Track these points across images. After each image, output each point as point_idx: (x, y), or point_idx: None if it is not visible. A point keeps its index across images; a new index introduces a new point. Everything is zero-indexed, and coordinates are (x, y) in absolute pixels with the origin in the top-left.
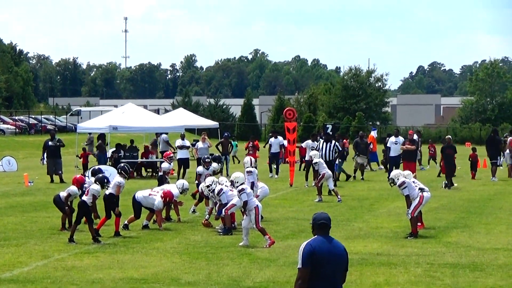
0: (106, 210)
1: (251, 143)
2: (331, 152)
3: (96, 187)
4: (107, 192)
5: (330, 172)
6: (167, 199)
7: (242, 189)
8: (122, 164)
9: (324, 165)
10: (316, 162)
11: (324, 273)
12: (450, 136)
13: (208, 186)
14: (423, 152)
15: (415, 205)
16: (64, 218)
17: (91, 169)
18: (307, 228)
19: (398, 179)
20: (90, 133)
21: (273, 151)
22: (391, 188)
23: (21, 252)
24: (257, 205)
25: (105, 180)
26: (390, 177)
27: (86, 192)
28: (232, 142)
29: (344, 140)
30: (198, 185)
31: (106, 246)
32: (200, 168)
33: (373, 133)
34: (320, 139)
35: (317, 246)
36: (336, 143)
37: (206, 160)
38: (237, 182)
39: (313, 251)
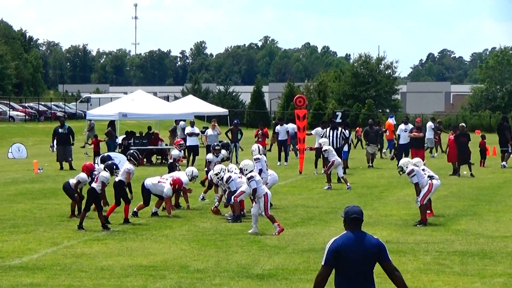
0: (116, 197)
1: (260, 130)
2: (338, 139)
3: (106, 174)
4: (117, 179)
5: (339, 160)
6: (176, 186)
7: (251, 177)
8: (131, 151)
9: (334, 152)
10: (326, 150)
11: (351, 272)
12: (464, 124)
13: (216, 174)
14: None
15: (424, 192)
16: (74, 205)
17: (101, 156)
18: (316, 216)
19: (407, 167)
20: (90, 120)
21: (280, 139)
22: (400, 176)
23: (31, 239)
24: (266, 193)
25: (114, 167)
26: (399, 165)
27: (95, 179)
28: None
29: (358, 128)
30: (207, 172)
31: (115, 233)
32: (210, 156)
33: (391, 120)
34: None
35: (344, 244)
36: (343, 130)
37: (216, 147)
38: (246, 170)
39: (339, 249)
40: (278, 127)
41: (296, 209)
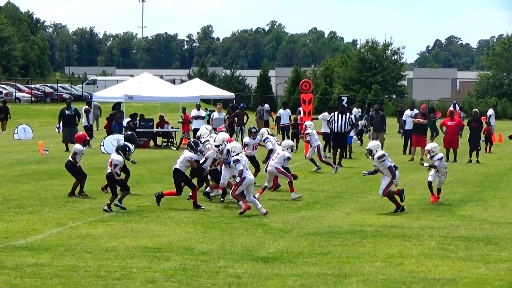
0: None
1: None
2: (346, 124)
3: (118, 157)
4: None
5: (320, 143)
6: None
7: (238, 160)
8: (129, 132)
9: (316, 137)
10: (309, 133)
11: None
12: (477, 110)
13: (217, 146)
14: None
15: (389, 182)
16: (76, 184)
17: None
18: (321, 200)
19: (376, 150)
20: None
21: (282, 123)
22: (405, 161)
23: (36, 219)
24: (245, 177)
25: (127, 149)
26: (367, 148)
27: (109, 163)
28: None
29: None
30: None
31: (120, 214)
32: (247, 139)
33: (452, 108)
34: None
35: None
36: (351, 116)
37: (252, 130)
38: (233, 152)
39: None
40: (281, 111)
41: (302, 193)
